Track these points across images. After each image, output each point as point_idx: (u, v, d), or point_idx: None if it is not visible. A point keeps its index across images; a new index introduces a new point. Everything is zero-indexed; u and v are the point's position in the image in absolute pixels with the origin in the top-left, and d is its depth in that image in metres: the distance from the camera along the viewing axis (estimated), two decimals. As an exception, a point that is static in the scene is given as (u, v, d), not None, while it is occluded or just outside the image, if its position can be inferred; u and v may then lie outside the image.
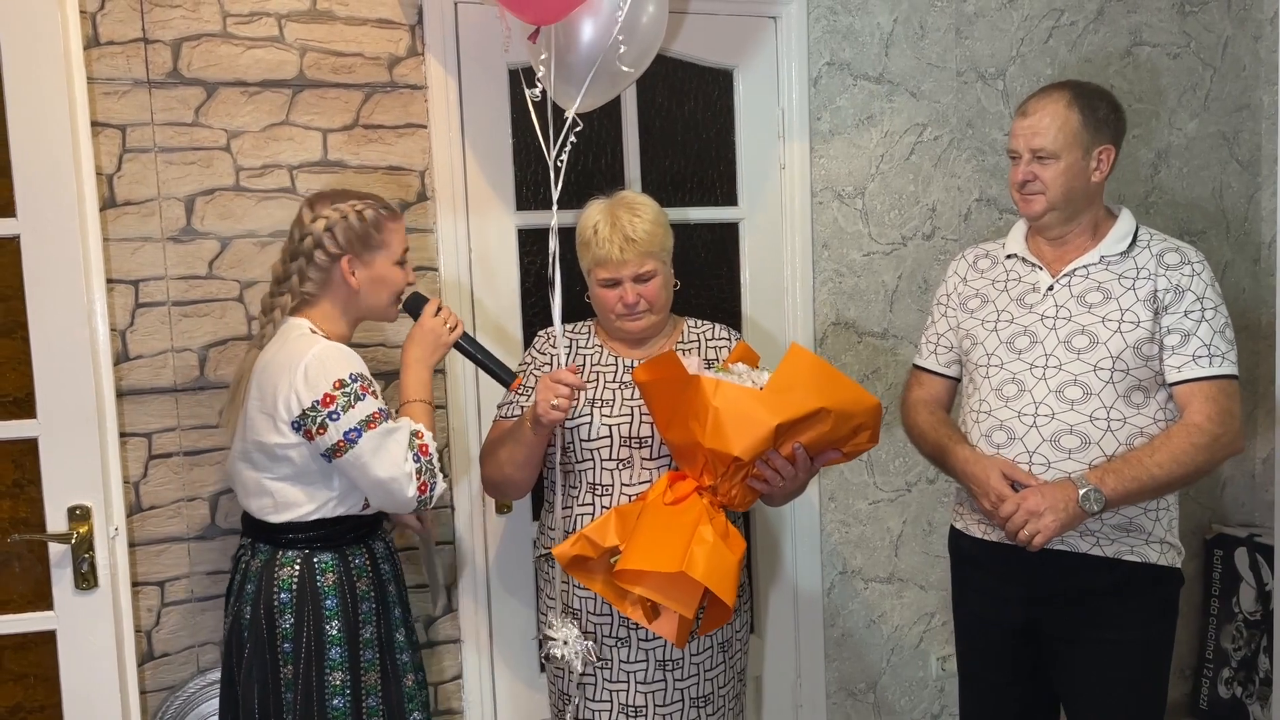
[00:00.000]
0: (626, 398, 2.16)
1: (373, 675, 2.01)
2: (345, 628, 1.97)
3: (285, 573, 1.97)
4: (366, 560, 2.03)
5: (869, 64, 2.94)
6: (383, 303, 2.05)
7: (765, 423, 1.86)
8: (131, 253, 2.31)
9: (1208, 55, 3.35)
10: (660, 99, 2.78)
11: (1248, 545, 3.37)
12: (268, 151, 2.40)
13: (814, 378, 1.90)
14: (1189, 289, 2.04)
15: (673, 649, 2.13)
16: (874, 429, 1.97)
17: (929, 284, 3.04)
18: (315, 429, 1.87)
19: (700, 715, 2.17)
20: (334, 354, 1.91)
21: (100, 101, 2.26)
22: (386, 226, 2.02)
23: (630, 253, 2.09)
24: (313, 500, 1.96)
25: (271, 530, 1.99)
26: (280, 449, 1.92)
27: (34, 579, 1.99)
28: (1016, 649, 2.21)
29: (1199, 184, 3.39)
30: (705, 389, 1.88)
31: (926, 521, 3.12)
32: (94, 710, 2.01)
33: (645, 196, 2.22)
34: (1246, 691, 3.37)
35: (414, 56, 2.49)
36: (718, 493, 1.98)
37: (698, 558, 1.86)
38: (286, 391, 1.88)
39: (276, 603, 1.96)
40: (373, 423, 1.88)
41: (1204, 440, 2.00)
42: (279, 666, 1.96)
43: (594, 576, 2.01)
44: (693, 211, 2.82)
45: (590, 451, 2.14)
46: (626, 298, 2.12)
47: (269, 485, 1.97)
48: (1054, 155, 2.07)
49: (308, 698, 1.95)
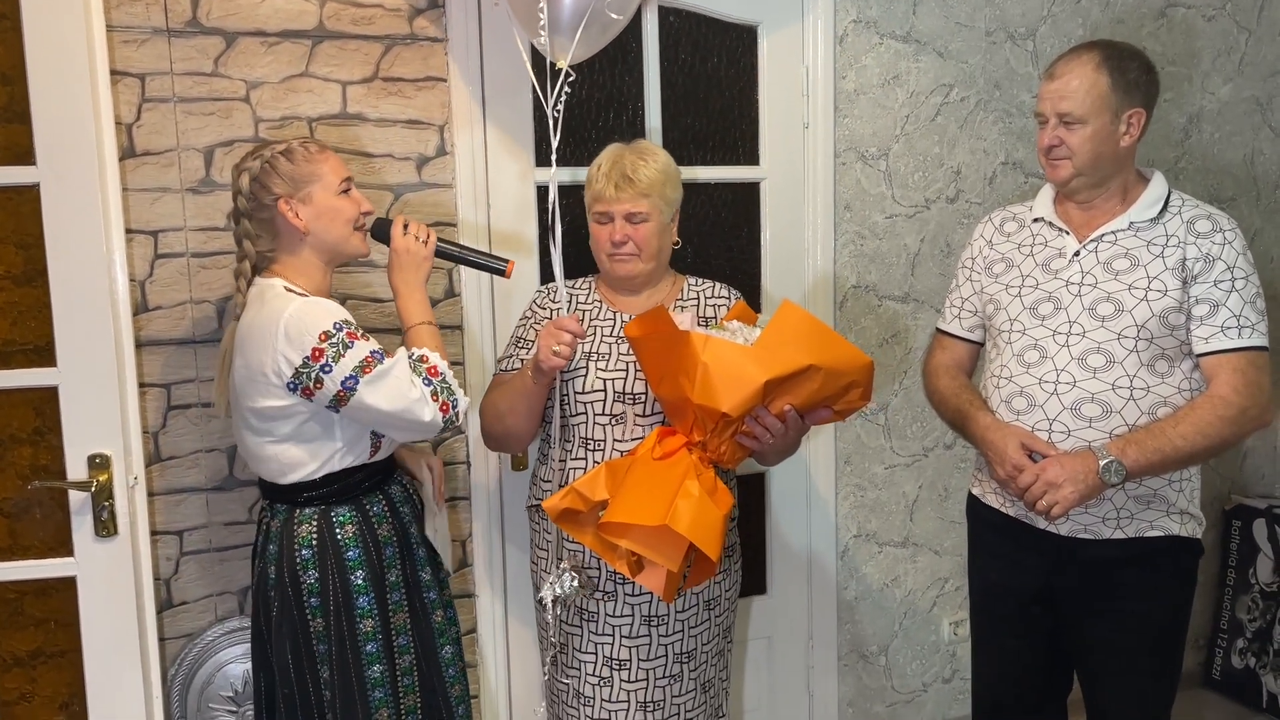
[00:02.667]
0: (622, 353, 2.16)
1: (401, 615, 2.05)
2: (370, 576, 1.99)
3: (304, 530, 1.98)
4: (385, 507, 2.05)
5: (896, 22, 2.89)
6: (338, 236, 1.99)
7: (754, 379, 1.85)
8: (150, 203, 2.31)
9: (1244, 18, 3.27)
10: (683, 55, 2.74)
11: (1267, 517, 3.35)
12: (287, 103, 2.38)
13: (804, 335, 1.88)
14: (1220, 258, 2.00)
15: (659, 604, 2.15)
16: (866, 387, 1.95)
17: (952, 248, 3.01)
18: (312, 385, 1.86)
19: (683, 670, 2.20)
20: (312, 308, 1.88)
21: (119, 50, 2.24)
22: (314, 159, 1.97)
23: (625, 190, 2.10)
24: (316, 458, 1.96)
25: (285, 490, 1.99)
26: (277, 411, 1.91)
27: (54, 525, 2.00)
28: (1031, 615, 2.20)
29: (1230, 149, 3.32)
30: (695, 344, 1.88)
31: (943, 487, 3.11)
32: (113, 656, 2.03)
33: (660, 148, 2.22)
34: (1260, 662, 3.36)
35: (434, 9, 2.46)
36: (707, 448, 1.97)
37: (682, 512, 1.86)
38: (273, 355, 1.86)
39: (299, 560, 1.97)
40: (367, 366, 1.86)
41: (1231, 413, 1.97)
42: (308, 621, 1.98)
43: (584, 530, 2.02)
44: (714, 170, 2.79)
45: (584, 405, 2.14)
46: (616, 234, 2.12)
47: (270, 450, 1.96)
48: (1081, 120, 2.02)
49: (341, 647, 1.99)
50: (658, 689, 2.17)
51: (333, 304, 1.93)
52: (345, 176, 2.01)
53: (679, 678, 2.19)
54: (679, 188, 2.20)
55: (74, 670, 2.03)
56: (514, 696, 2.74)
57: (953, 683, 3.21)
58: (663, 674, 2.18)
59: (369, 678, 2.00)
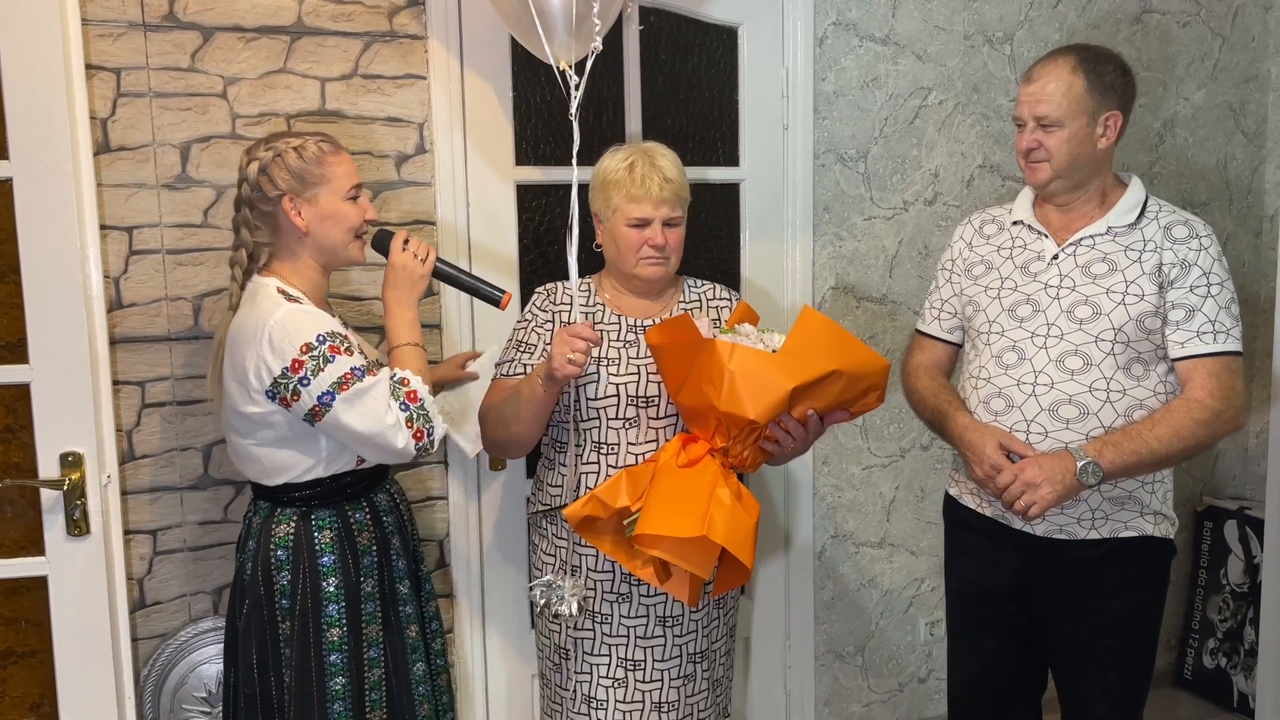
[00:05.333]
0: (632, 356, 2.15)
1: (374, 628, 2.01)
2: (343, 584, 1.96)
3: (282, 530, 1.96)
4: (368, 514, 2.02)
5: (876, 25, 2.90)
6: (337, 242, 1.95)
7: (781, 386, 1.86)
8: (125, 199, 2.28)
9: (1217, 24, 3.31)
10: (664, 55, 2.74)
11: (1238, 518, 3.39)
12: (265, 99, 2.36)
13: (827, 340, 1.90)
14: (1195, 264, 2.02)
15: (673, 605, 2.15)
16: (881, 389, 1.98)
17: (929, 250, 3.03)
18: (289, 396, 1.83)
19: (696, 671, 2.19)
20: (297, 318, 1.85)
21: (94, 44, 2.22)
22: (326, 160, 1.93)
23: (668, 191, 2.10)
24: (300, 463, 1.94)
25: (269, 490, 1.98)
26: (259, 417, 1.90)
27: (26, 525, 1.98)
28: (1007, 614, 2.22)
29: (1204, 155, 3.36)
30: (721, 353, 1.88)
31: (919, 487, 3.12)
32: (85, 656, 2.01)
33: (667, 148, 2.20)
34: (1231, 662, 3.40)
35: (415, 6, 2.45)
36: (729, 454, 1.98)
37: (717, 521, 1.87)
38: (255, 361, 1.84)
39: (274, 560, 1.96)
40: (345, 383, 1.83)
41: (1205, 416, 1.99)
42: (277, 623, 1.96)
43: (602, 537, 2.02)
44: (694, 171, 2.79)
45: (597, 410, 2.13)
46: (656, 239, 2.10)
47: (255, 452, 1.94)
48: (1058, 123, 2.03)
49: (304, 654, 1.95)
50: (672, 689, 2.17)
51: (321, 314, 1.90)
52: (355, 183, 1.97)
53: (693, 677, 2.19)
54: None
55: (45, 670, 2.01)
56: (490, 697, 2.73)
57: (929, 682, 3.22)
58: (677, 674, 2.17)
59: (330, 689, 1.95)
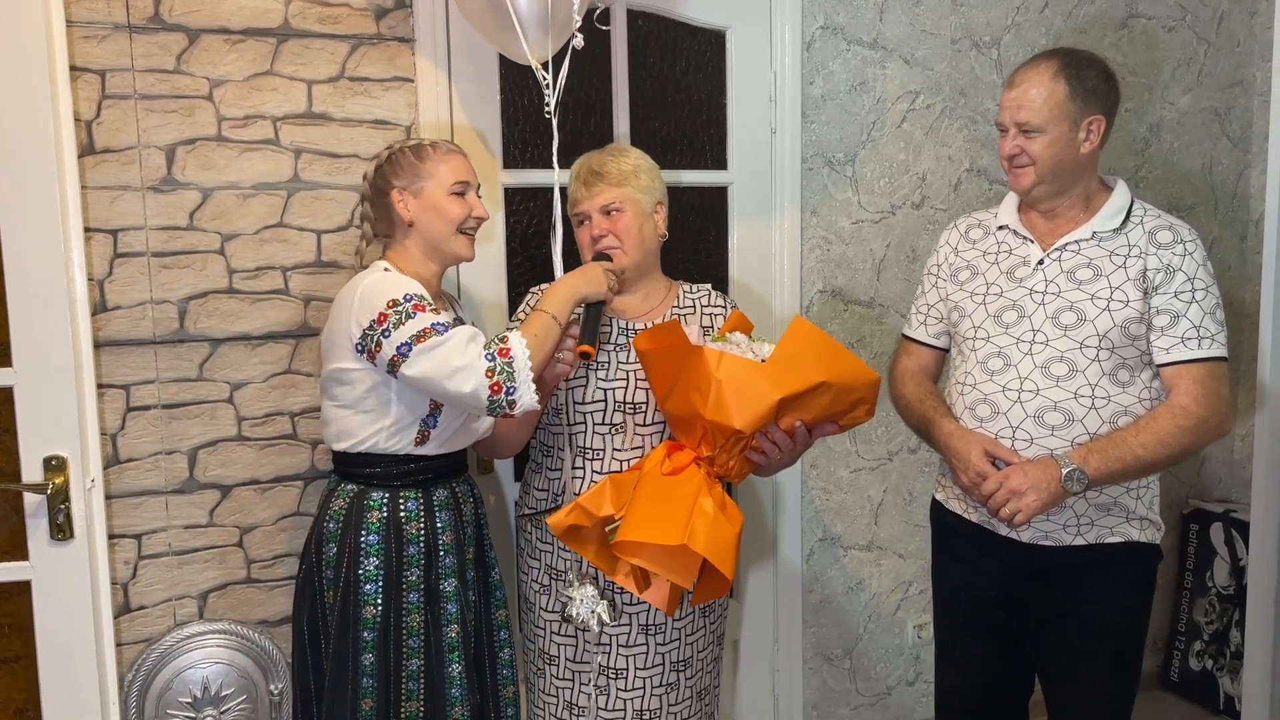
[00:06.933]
0: (621, 361, 2.14)
1: (415, 617, 2.06)
2: (383, 565, 2.04)
3: (337, 504, 2.08)
4: (420, 505, 2.08)
5: (863, 29, 2.91)
6: (440, 234, 2.08)
7: (768, 396, 1.84)
8: (110, 201, 2.27)
9: (1203, 29, 3.33)
10: (651, 59, 2.74)
11: (1224, 521, 3.41)
12: (251, 102, 2.36)
13: (816, 351, 1.88)
14: (1180, 269, 2.02)
15: (656, 614, 2.14)
16: (871, 403, 1.96)
17: (917, 254, 3.03)
18: (374, 347, 1.94)
19: (679, 678, 2.19)
20: (390, 279, 1.99)
21: (79, 45, 2.20)
22: (431, 156, 2.09)
23: (595, 185, 2.11)
24: (363, 430, 2.04)
25: (338, 459, 2.11)
26: (348, 373, 2.01)
27: (9, 529, 1.97)
28: (994, 619, 2.22)
29: (1189, 159, 3.38)
30: (708, 360, 1.86)
31: (907, 491, 3.13)
32: (70, 661, 2.00)
33: (635, 149, 2.21)
34: (1217, 664, 3.42)
35: (402, 9, 2.44)
36: (715, 463, 1.96)
37: (699, 531, 1.85)
38: (348, 319, 1.97)
39: (325, 531, 2.08)
40: (423, 336, 1.91)
41: (1190, 422, 1.99)
42: (324, 591, 2.09)
43: (587, 545, 2.00)
44: (683, 175, 2.79)
45: (583, 415, 2.12)
46: (593, 229, 2.11)
47: (332, 413, 2.08)
48: (1039, 129, 2.02)
49: (343, 626, 2.04)
50: (654, 698, 2.16)
51: (412, 281, 1.99)
52: (462, 179, 2.10)
53: (676, 686, 2.19)
54: (657, 179, 2.19)
55: (28, 675, 2.00)
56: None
57: (916, 685, 3.23)
58: (659, 683, 2.17)
59: (361, 664, 2.03)
